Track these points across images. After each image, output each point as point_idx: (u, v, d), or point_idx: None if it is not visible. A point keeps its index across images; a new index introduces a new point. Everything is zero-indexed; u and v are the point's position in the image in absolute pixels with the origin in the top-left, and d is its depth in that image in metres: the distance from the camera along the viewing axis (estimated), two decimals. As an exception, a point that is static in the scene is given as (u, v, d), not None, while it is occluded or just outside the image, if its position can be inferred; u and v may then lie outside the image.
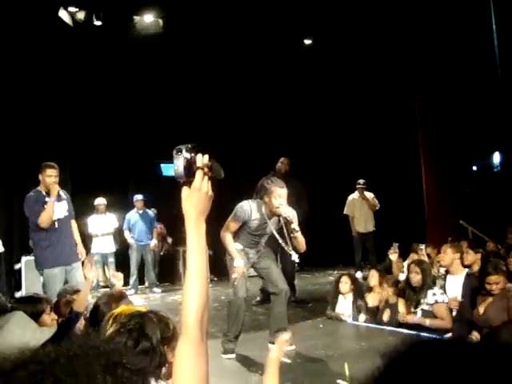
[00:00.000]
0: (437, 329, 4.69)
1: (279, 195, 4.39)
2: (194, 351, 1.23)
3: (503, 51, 8.60)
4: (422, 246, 6.27)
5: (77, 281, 5.22)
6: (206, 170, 1.38)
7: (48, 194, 5.24)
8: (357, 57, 10.19)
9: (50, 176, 5.19)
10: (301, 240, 4.50)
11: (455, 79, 9.41)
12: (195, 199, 1.35)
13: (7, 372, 0.83)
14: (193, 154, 1.39)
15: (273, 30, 9.36)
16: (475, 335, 4.26)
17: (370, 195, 9.10)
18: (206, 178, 1.38)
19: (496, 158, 11.63)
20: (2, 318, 2.47)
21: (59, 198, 5.31)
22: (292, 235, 4.46)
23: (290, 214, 4.43)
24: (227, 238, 4.53)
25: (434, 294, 4.86)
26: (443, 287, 5.06)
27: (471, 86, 9.45)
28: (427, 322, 4.77)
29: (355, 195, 9.15)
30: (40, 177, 5.27)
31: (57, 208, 5.26)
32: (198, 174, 1.37)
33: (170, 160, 1.47)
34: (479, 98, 9.58)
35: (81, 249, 5.59)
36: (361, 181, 9.07)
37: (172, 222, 9.66)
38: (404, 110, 10.51)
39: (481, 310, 4.33)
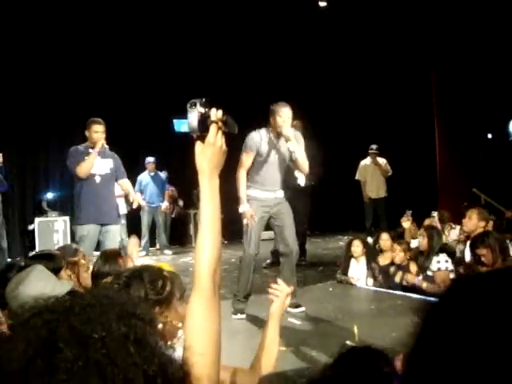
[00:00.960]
0: (435, 294, 4.69)
1: (282, 112, 4.42)
2: (205, 304, 1.23)
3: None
4: (435, 214, 6.22)
5: (109, 244, 5.06)
6: (220, 124, 1.36)
7: (96, 149, 5.13)
8: (372, 20, 9.96)
9: (97, 132, 5.10)
10: (301, 160, 4.52)
11: (472, 46, 9.19)
12: (209, 153, 1.34)
13: (23, 321, 0.84)
14: (207, 108, 1.37)
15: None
16: None
17: (382, 161, 9.02)
18: (220, 132, 1.36)
19: (512, 126, 11.43)
20: (22, 272, 2.50)
21: (104, 155, 5.19)
22: (292, 157, 4.50)
23: (291, 134, 4.43)
24: (241, 179, 4.52)
25: (438, 262, 4.84)
26: (462, 252, 5.02)
27: (488, 52, 9.23)
28: (424, 285, 4.80)
29: (367, 161, 9.08)
30: (87, 133, 5.15)
31: (99, 163, 5.14)
32: (212, 128, 1.35)
33: (182, 116, 1.44)
34: (496, 65, 9.37)
35: (135, 197, 5.67)
36: (373, 146, 8.98)
37: (183, 184, 9.69)
38: (419, 75, 10.31)
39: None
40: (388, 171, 8.98)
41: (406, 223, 5.87)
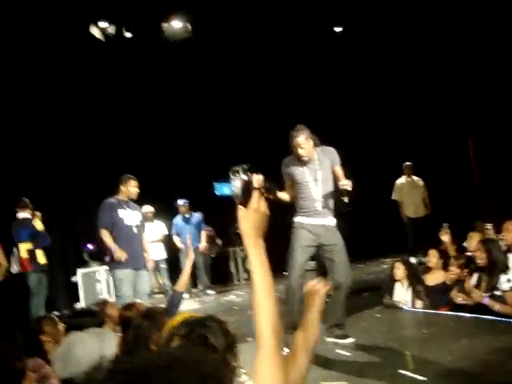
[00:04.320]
0: (504, 314, 4.40)
1: (292, 141, 4.45)
2: (270, 363, 1.25)
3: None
4: (489, 226, 5.97)
5: (142, 287, 5.67)
6: (262, 190, 1.43)
7: (127, 201, 5.75)
8: (390, 40, 9.91)
9: (135, 187, 5.81)
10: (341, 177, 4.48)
11: (501, 64, 9.06)
12: (253, 219, 1.39)
13: None
14: (249, 175, 1.44)
15: (302, 21, 9.24)
16: None
17: (418, 179, 8.98)
18: (263, 198, 1.43)
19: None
20: (62, 346, 2.48)
21: (133, 207, 5.88)
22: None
23: (348, 186, 4.30)
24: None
25: (509, 280, 4.46)
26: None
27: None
28: (496, 306, 4.41)
29: (403, 179, 8.99)
30: (123, 188, 5.76)
31: (131, 214, 5.79)
32: (255, 194, 1.41)
33: (223, 178, 1.54)
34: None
35: (150, 258, 6.14)
36: (407, 163, 8.96)
37: (221, 224, 9.67)
38: (447, 88, 10.18)
39: None
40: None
41: (445, 236, 5.63)
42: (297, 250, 4.43)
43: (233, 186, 1.44)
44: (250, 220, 1.39)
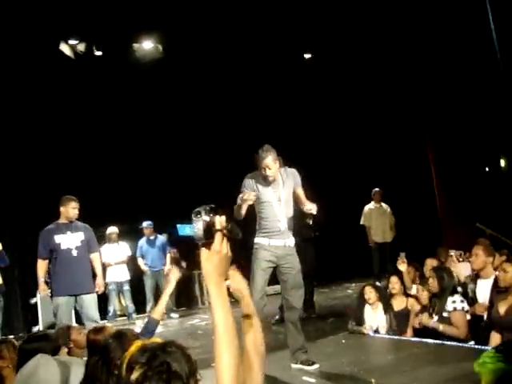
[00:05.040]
0: (452, 337, 4.52)
1: (264, 167, 4.43)
2: None
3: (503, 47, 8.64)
4: (453, 252, 6.04)
5: (87, 313, 5.40)
6: (224, 231, 1.41)
7: (67, 224, 5.53)
8: (358, 68, 10.14)
9: (75, 208, 5.58)
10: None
11: (459, 89, 9.39)
12: (215, 260, 1.38)
13: None
14: (211, 216, 1.43)
15: (273, 47, 9.37)
16: (495, 337, 4.10)
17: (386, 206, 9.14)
18: (225, 239, 1.41)
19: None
20: (25, 368, 2.37)
21: (75, 228, 5.59)
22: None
23: (313, 209, 4.38)
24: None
25: (454, 302, 4.64)
26: (474, 291, 4.88)
27: (474, 87, 9.40)
28: (441, 327, 4.58)
29: (371, 205, 9.11)
30: (62, 209, 5.56)
31: (69, 238, 5.51)
32: (218, 236, 1.40)
33: (185, 220, 1.50)
34: (483, 101, 9.50)
35: (99, 282, 5.75)
36: (376, 189, 9.11)
37: (185, 246, 9.56)
38: (409, 115, 10.44)
39: (501, 310, 4.17)
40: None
41: (402, 266, 5.62)
42: (258, 272, 4.43)
43: (195, 227, 1.42)
44: (213, 262, 1.38)
